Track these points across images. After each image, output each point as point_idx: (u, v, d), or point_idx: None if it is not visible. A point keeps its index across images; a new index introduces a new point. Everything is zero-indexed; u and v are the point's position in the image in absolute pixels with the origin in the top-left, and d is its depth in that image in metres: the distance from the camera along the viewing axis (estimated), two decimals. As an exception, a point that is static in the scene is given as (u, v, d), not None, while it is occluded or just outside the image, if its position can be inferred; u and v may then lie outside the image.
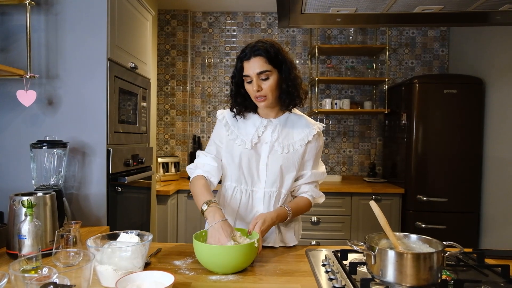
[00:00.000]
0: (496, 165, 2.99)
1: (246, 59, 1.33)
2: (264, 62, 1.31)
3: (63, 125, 1.85)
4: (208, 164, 1.46)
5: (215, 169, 1.45)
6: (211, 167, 1.46)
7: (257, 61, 1.31)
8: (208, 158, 1.47)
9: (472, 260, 1.20)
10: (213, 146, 1.49)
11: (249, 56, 1.32)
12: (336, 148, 3.89)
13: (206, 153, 1.49)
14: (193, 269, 1.17)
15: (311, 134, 1.43)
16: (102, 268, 1.02)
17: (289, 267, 1.21)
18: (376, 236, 1.07)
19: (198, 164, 1.48)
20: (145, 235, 1.15)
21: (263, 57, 1.31)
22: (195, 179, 1.43)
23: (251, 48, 1.32)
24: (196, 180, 1.42)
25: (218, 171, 1.46)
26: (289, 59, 1.36)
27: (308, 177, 1.46)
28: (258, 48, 1.31)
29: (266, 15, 3.88)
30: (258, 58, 1.31)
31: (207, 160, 1.47)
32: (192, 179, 1.45)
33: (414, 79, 3.17)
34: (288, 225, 1.48)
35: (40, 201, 1.34)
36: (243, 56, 1.34)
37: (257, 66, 1.31)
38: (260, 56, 1.31)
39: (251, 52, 1.32)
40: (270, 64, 1.31)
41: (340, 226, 3.21)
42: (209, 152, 1.50)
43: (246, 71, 1.33)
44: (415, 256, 0.90)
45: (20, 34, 1.79)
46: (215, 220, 1.21)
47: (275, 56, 1.32)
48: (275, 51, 1.32)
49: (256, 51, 1.31)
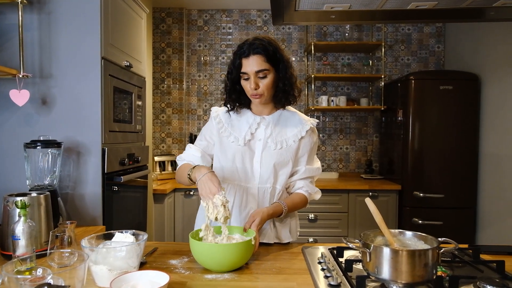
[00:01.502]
0: (492, 160, 3.00)
1: (245, 56, 1.32)
2: (262, 61, 1.31)
3: (57, 125, 1.83)
4: (192, 155, 1.49)
5: (198, 159, 1.47)
6: (194, 157, 1.48)
7: (256, 59, 1.31)
8: (193, 149, 1.50)
9: (467, 256, 1.21)
10: (202, 141, 1.51)
11: (248, 54, 1.32)
12: (333, 145, 3.89)
13: (193, 146, 1.52)
14: (189, 268, 1.17)
15: (304, 130, 1.43)
16: (97, 268, 1.02)
17: (285, 265, 1.21)
18: (372, 233, 1.07)
19: (183, 155, 1.52)
20: (140, 234, 1.15)
21: (262, 56, 1.31)
22: (180, 166, 1.48)
23: (249, 45, 1.32)
24: (180, 166, 1.47)
25: (201, 161, 1.47)
26: (286, 58, 1.36)
27: (303, 173, 1.45)
28: (257, 46, 1.31)
29: (261, 12, 3.87)
30: (257, 56, 1.31)
31: (191, 151, 1.50)
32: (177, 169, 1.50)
33: (410, 75, 3.17)
34: (283, 221, 1.48)
35: (34, 202, 1.33)
36: (242, 53, 1.33)
37: (255, 64, 1.31)
38: (259, 54, 1.31)
39: (250, 50, 1.31)
40: (268, 62, 1.32)
41: (337, 223, 3.21)
42: (196, 145, 1.52)
43: (244, 68, 1.33)
44: (410, 253, 0.90)
45: (13, 33, 1.77)
46: (202, 173, 1.24)
47: (273, 54, 1.32)
48: (274, 50, 1.32)
49: (255, 49, 1.31)
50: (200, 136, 1.53)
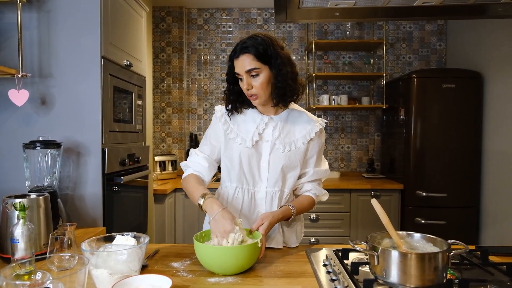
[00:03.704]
0: (496, 159, 2.97)
1: (236, 57, 1.30)
2: (252, 60, 1.27)
3: (57, 125, 1.81)
4: (198, 164, 1.44)
5: (206, 169, 1.43)
6: (201, 167, 1.43)
7: (245, 59, 1.28)
8: (200, 157, 1.44)
9: (476, 258, 1.18)
10: (207, 146, 1.46)
11: (238, 54, 1.29)
12: (334, 144, 3.86)
13: (199, 152, 1.46)
14: (191, 271, 1.15)
15: (313, 132, 1.39)
16: (98, 272, 0.99)
17: (290, 268, 1.19)
18: (379, 236, 1.04)
19: (189, 163, 1.47)
20: (142, 237, 1.12)
21: (251, 54, 1.27)
22: (186, 177, 1.43)
23: (241, 45, 1.29)
24: (187, 177, 1.42)
25: (209, 171, 1.43)
26: (281, 54, 1.30)
27: (311, 175, 1.42)
28: (247, 45, 1.27)
29: (262, 11, 3.84)
30: (245, 55, 1.28)
31: (198, 159, 1.44)
32: (183, 177, 1.45)
33: (412, 73, 3.14)
34: (291, 225, 1.45)
35: (33, 204, 1.31)
36: (233, 54, 1.31)
37: (245, 64, 1.28)
38: (248, 53, 1.27)
39: (240, 50, 1.29)
40: (259, 61, 1.28)
41: (339, 223, 3.19)
42: (202, 151, 1.46)
43: (236, 69, 1.31)
44: (419, 256, 0.88)
45: (12, 32, 1.74)
46: (215, 211, 1.21)
47: (264, 52, 1.27)
48: (265, 47, 1.27)
49: (244, 48, 1.28)
50: (204, 139, 1.47)
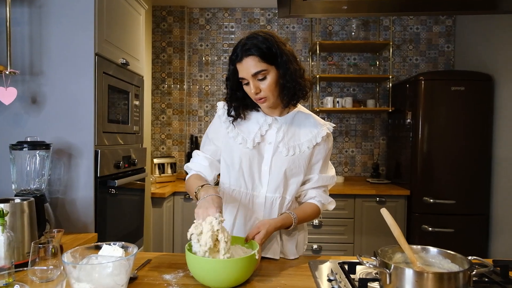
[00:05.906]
0: (506, 165, 2.86)
1: (238, 61, 1.20)
2: (257, 62, 1.17)
3: (47, 125, 1.73)
4: (199, 164, 1.37)
5: (206, 168, 1.36)
6: (202, 166, 1.36)
7: (250, 61, 1.18)
8: (200, 157, 1.38)
9: (495, 275, 1.08)
10: (209, 146, 1.39)
11: (241, 57, 1.19)
12: (338, 148, 3.76)
13: (200, 152, 1.41)
14: (184, 285, 1.06)
15: (319, 136, 1.30)
16: (80, 286, 0.90)
17: (291, 282, 1.09)
18: (390, 250, 0.94)
19: (190, 164, 1.40)
20: (130, 247, 1.03)
21: (256, 56, 1.17)
22: (188, 178, 1.37)
23: (241, 47, 1.19)
24: (189, 178, 1.36)
25: (210, 170, 1.36)
26: (286, 51, 1.21)
27: (316, 181, 1.33)
28: (249, 46, 1.17)
29: (265, 11, 3.75)
30: (250, 58, 1.18)
31: (199, 159, 1.38)
32: (186, 179, 1.38)
33: (420, 76, 3.04)
34: (291, 234, 1.35)
35: (16, 209, 1.22)
36: (235, 57, 1.21)
37: (251, 67, 1.18)
38: (252, 55, 1.17)
39: (242, 52, 1.18)
40: (265, 62, 1.18)
41: (343, 230, 3.08)
42: (204, 151, 1.40)
43: (240, 73, 1.21)
44: (437, 276, 0.78)
45: (1, 27, 1.66)
46: (208, 194, 1.14)
47: (268, 51, 1.18)
48: (268, 46, 1.18)
49: (246, 50, 1.17)
50: (205, 139, 1.40)
